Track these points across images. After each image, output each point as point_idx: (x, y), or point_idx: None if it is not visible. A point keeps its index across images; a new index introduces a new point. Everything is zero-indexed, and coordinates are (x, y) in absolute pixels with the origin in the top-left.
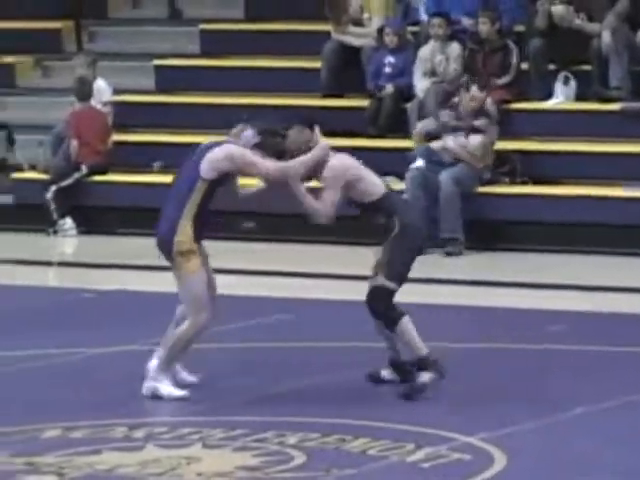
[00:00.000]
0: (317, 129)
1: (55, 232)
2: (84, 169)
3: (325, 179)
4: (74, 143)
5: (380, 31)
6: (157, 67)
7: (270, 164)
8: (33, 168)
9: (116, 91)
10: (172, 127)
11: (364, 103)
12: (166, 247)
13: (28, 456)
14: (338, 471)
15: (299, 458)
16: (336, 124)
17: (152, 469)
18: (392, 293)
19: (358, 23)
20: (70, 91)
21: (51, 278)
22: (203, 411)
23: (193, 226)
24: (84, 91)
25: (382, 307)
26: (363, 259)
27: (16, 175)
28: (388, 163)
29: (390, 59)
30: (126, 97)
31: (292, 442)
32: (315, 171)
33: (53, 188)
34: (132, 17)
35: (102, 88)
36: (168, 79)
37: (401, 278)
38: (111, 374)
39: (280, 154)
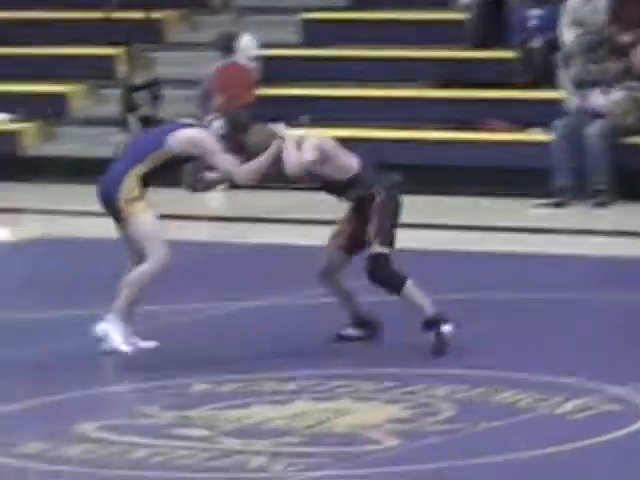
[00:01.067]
0: (281, 126)
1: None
2: None
3: (306, 145)
4: (218, 98)
5: None
6: (304, 21)
7: (229, 162)
8: None
9: (262, 45)
10: (319, 80)
11: (510, 55)
12: (111, 203)
13: (179, 410)
14: (486, 423)
15: (448, 410)
16: (483, 76)
17: (301, 422)
18: (390, 258)
19: None
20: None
21: (204, 232)
22: (352, 364)
23: (137, 182)
24: (227, 46)
25: (385, 274)
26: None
27: None
28: (535, 114)
29: (535, 12)
30: (272, 51)
31: (441, 394)
32: (276, 165)
33: None
34: None
35: (248, 43)
36: (315, 33)
37: (392, 243)
38: (262, 328)
39: (241, 148)
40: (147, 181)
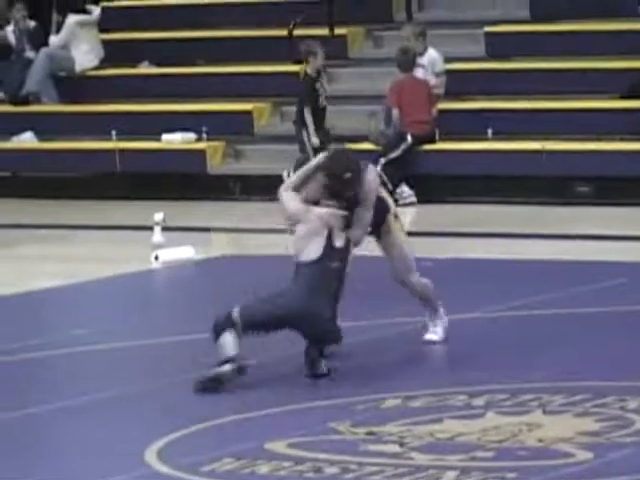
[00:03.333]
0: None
1: (395, 201)
2: (409, 139)
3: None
4: (395, 112)
5: None
6: (487, 34)
7: None
8: (365, 139)
9: (447, 59)
10: (504, 94)
11: None
12: None
13: (369, 426)
14: None
15: None
16: None
17: (493, 436)
18: None
19: None
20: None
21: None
22: (543, 377)
23: None
24: (406, 61)
25: None
26: None
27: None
28: None
29: None
30: (457, 65)
31: (633, 407)
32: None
33: (382, 161)
34: None
35: (434, 58)
36: (499, 45)
37: None
38: (450, 342)
39: None
40: None
